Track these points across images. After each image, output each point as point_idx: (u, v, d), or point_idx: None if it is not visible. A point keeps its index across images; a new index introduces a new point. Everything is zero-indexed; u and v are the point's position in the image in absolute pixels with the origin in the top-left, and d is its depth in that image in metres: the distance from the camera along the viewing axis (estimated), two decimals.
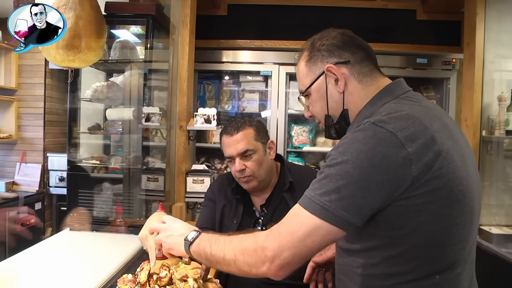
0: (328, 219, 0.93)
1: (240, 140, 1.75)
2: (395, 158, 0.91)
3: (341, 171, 0.93)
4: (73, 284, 1.59)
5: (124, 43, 2.36)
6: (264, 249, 0.97)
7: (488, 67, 2.84)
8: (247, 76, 3.62)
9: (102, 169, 2.90)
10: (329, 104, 1.16)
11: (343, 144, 0.97)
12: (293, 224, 0.97)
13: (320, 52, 1.15)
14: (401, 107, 1.02)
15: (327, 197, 0.93)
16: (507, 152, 2.91)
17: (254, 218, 1.85)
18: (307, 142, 3.56)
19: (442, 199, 0.95)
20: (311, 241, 0.94)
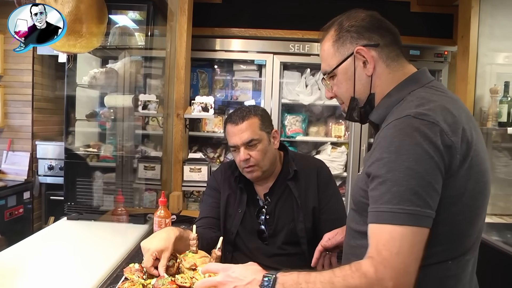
0: (418, 222, 0.92)
1: (245, 130, 1.73)
2: (445, 145, 0.93)
3: (407, 171, 0.92)
4: (78, 274, 1.58)
5: (124, 29, 2.32)
6: (380, 282, 0.92)
7: (481, 60, 2.90)
8: (240, 65, 3.60)
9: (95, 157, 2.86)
10: (356, 86, 1.15)
11: (392, 143, 0.95)
12: (392, 243, 0.92)
13: (349, 33, 1.13)
14: (431, 97, 1.02)
15: (408, 202, 0.91)
16: (495, 143, 2.99)
17: (258, 207, 1.85)
18: (300, 131, 3.57)
19: (470, 191, 0.98)
20: (416, 251, 0.92)
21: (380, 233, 0.95)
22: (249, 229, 1.83)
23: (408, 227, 0.91)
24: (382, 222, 0.94)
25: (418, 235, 0.92)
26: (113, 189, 2.38)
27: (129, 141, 2.59)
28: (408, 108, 0.99)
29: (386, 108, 1.10)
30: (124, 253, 1.83)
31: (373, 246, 0.95)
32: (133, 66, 2.43)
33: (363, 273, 0.93)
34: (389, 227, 0.93)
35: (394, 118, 0.99)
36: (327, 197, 1.81)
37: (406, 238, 0.91)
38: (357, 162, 3.41)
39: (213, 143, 3.77)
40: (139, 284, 1.40)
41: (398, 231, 0.92)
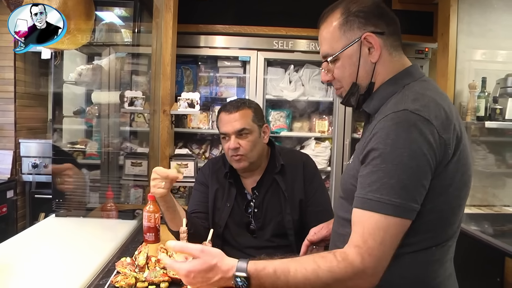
0: (403, 214, 0.96)
1: (238, 119, 1.77)
2: (437, 145, 0.97)
3: (401, 165, 0.96)
4: (70, 269, 1.58)
5: (110, 26, 2.32)
6: (365, 271, 0.96)
7: (460, 57, 2.99)
8: (225, 62, 3.62)
9: (81, 154, 2.86)
10: (359, 72, 1.14)
11: (389, 136, 0.98)
12: (377, 233, 0.97)
13: (357, 18, 1.12)
14: (425, 92, 1.06)
15: (397, 195, 0.95)
16: (473, 137, 3.08)
17: (246, 200, 1.88)
18: (284, 127, 3.62)
19: (457, 182, 1.03)
20: (396, 242, 0.98)
21: (366, 220, 0.99)
22: (238, 223, 1.86)
23: (393, 218, 0.96)
24: (368, 209, 0.98)
25: (400, 226, 0.97)
26: (101, 186, 2.38)
27: (115, 138, 2.59)
28: (405, 102, 1.02)
29: (381, 100, 1.12)
30: (115, 248, 1.84)
31: (359, 234, 0.99)
32: (119, 62, 2.43)
33: (349, 262, 0.97)
34: (375, 215, 0.97)
35: (391, 110, 1.02)
36: (313, 189, 1.86)
37: (390, 229, 0.96)
38: (340, 157, 3.47)
39: (198, 139, 3.78)
40: (131, 277, 1.43)
41: (383, 221, 0.96)
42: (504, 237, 2.50)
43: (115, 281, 1.42)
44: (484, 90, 2.90)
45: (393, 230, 0.97)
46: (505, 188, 3.12)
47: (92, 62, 2.56)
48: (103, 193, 2.29)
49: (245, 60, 3.50)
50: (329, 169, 3.55)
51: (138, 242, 1.93)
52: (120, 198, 2.49)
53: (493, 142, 3.11)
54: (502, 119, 2.84)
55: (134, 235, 2.07)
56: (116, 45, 2.42)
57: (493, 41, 3.04)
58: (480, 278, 2.36)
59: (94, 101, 2.48)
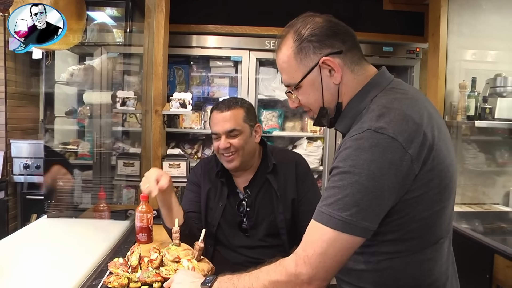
0: (352, 232, 0.96)
1: (229, 119, 1.78)
2: (401, 163, 0.96)
3: (356, 184, 0.95)
4: (63, 270, 1.58)
5: (102, 26, 2.31)
6: (297, 276, 0.99)
7: (451, 57, 3.02)
8: (217, 62, 3.63)
9: (73, 155, 2.85)
10: (324, 96, 1.13)
11: (350, 156, 0.98)
12: (319, 244, 0.98)
13: (311, 43, 1.09)
14: (392, 104, 1.03)
15: (347, 212, 0.95)
16: (464, 136, 3.12)
17: (238, 199, 1.89)
18: (276, 126, 3.63)
19: (435, 188, 1.02)
20: (340, 255, 0.98)
21: (313, 231, 1.01)
22: (230, 222, 1.87)
23: (340, 233, 0.96)
24: (319, 222, 0.99)
25: (347, 242, 0.97)
26: (93, 186, 2.38)
27: (107, 138, 2.59)
28: (370, 120, 1.00)
29: (352, 118, 1.11)
30: (108, 249, 1.84)
31: (303, 243, 1.02)
32: (111, 62, 2.43)
33: (284, 266, 1.01)
34: (324, 228, 0.98)
35: (356, 131, 1.01)
36: (305, 188, 1.87)
37: (334, 243, 0.97)
38: (332, 156, 3.47)
39: (190, 139, 3.78)
40: (124, 277, 1.43)
41: (329, 234, 0.97)
42: (493, 234, 2.54)
43: (107, 282, 1.42)
44: (474, 90, 2.94)
45: (338, 245, 0.97)
46: (495, 186, 3.16)
47: (83, 62, 2.55)
48: (96, 193, 2.29)
49: (237, 60, 3.51)
50: (321, 168, 3.57)
51: (130, 243, 1.93)
52: (112, 199, 2.49)
53: (483, 141, 3.14)
54: (492, 118, 2.87)
55: (126, 236, 2.07)
56: (107, 45, 2.42)
57: (483, 42, 3.08)
58: (469, 275, 2.38)
59: (86, 102, 2.47)
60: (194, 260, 1.52)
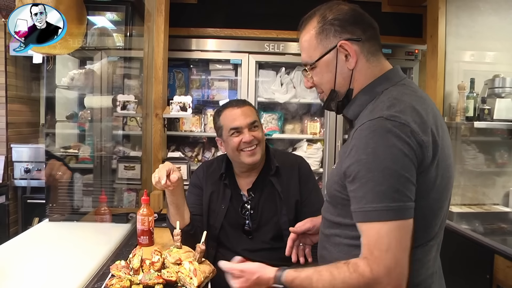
0: (403, 215, 0.98)
1: (248, 112, 1.81)
2: (417, 144, 0.99)
3: (386, 170, 0.97)
4: (64, 273, 1.58)
5: (102, 30, 2.33)
6: (376, 280, 0.98)
7: (449, 58, 3.04)
8: (216, 65, 3.64)
9: (73, 158, 2.86)
10: (337, 79, 1.17)
11: (368, 144, 1.00)
12: (381, 242, 0.98)
13: (333, 26, 1.14)
14: (402, 97, 1.08)
15: (391, 199, 0.97)
16: (463, 137, 3.13)
17: (241, 202, 1.90)
18: (276, 129, 3.64)
19: (437, 186, 1.05)
20: (404, 242, 0.99)
21: (369, 232, 1.01)
22: (233, 224, 1.87)
23: (394, 222, 0.97)
24: (369, 221, 1.00)
25: (403, 227, 0.98)
26: (94, 190, 2.38)
27: (108, 142, 2.60)
28: (381, 109, 1.04)
29: (361, 105, 1.14)
30: (109, 252, 1.85)
31: (365, 246, 1.01)
32: (111, 66, 2.44)
33: (360, 274, 1.00)
34: (376, 225, 0.99)
35: (367, 118, 1.04)
36: (308, 190, 1.88)
37: (393, 233, 0.98)
38: (332, 158, 3.50)
39: (191, 142, 3.79)
40: (126, 280, 1.44)
41: (384, 229, 0.98)
42: (493, 235, 2.54)
43: (110, 284, 1.42)
44: (472, 91, 2.95)
45: (396, 234, 0.98)
46: (494, 187, 3.17)
47: (84, 67, 2.57)
48: (97, 197, 2.30)
49: (236, 63, 3.52)
50: (321, 170, 3.58)
51: (132, 246, 1.94)
52: (113, 202, 2.50)
53: (482, 142, 3.16)
54: (491, 119, 2.89)
55: (128, 239, 2.08)
56: (108, 49, 2.43)
57: (481, 43, 3.10)
58: (470, 275, 2.40)
59: (87, 106, 2.48)
60: (196, 262, 1.53)
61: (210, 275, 1.54)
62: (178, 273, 1.49)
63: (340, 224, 1.16)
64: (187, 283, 1.46)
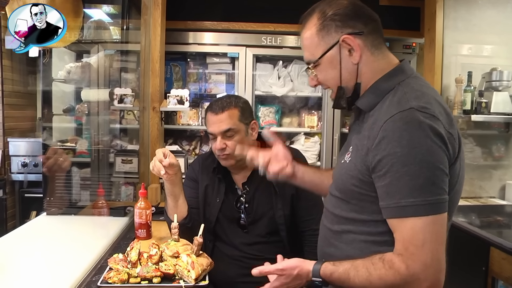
0: (439, 209, 0.97)
1: (224, 120, 1.77)
2: (447, 136, 0.98)
3: (423, 163, 0.96)
4: (62, 267, 1.58)
5: (99, 23, 2.31)
6: (413, 276, 0.98)
7: (447, 52, 3.04)
8: (213, 58, 3.63)
9: (71, 152, 2.85)
10: (342, 75, 1.14)
11: (402, 136, 0.98)
12: (416, 238, 0.97)
13: (334, 21, 1.12)
14: (422, 89, 1.07)
15: (429, 193, 0.96)
16: (461, 130, 3.10)
17: (236, 196, 1.90)
18: (274, 122, 3.64)
19: (460, 177, 1.06)
20: (440, 236, 0.98)
21: (403, 228, 1.00)
22: (229, 218, 1.87)
23: (429, 217, 0.96)
24: (404, 216, 0.98)
25: (438, 221, 0.97)
26: (92, 184, 2.38)
27: (105, 135, 2.59)
28: (408, 100, 1.02)
29: (377, 96, 1.12)
30: (107, 245, 1.85)
31: (400, 242, 1.00)
32: (108, 60, 2.43)
33: (396, 270, 0.99)
34: (410, 220, 0.98)
35: (397, 110, 1.01)
36: None
37: (428, 228, 0.97)
38: (330, 151, 3.50)
39: (188, 135, 3.79)
40: (124, 273, 1.44)
41: (419, 224, 0.97)
42: (490, 227, 2.56)
43: (108, 277, 1.43)
44: (470, 84, 2.95)
45: (431, 229, 0.97)
46: (491, 180, 3.19)
47: (81, 60, 2.55)
48: (94, 191, 2.29)
49: (233, 56, 3.51)
50: (318, 163, 3.58)
51: (130, 239, 1.94)
52: (111, 196, 2.49)
53: (480, 135, 3.17)
54: (488, 112, 2.90)
55: (125, 232, 2.08)
56: (104, 42, 2.42)
57: (478, 36, 3.10)
58: (466, 267, 2.41)
59: (84, 99, 2.47)
60: (193, 255, 1.53)
61: (208, 268, 1.54)
62: (176, 266, 1.50)
63: (354, 220, 1.14)
64: (185, 276, 1.47)
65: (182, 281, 1.47)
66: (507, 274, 2.18)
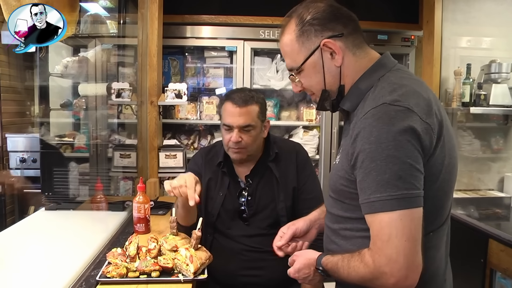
0: (408, 204, 0.95)
1: (245, 114, 1.77)
2: (421, 130, 0.97)
3: (389, 158, 0.95)
4: (61, 261, 1.59)
5: (95, 17, 2.30)
6: (379, 270, 0.98)
7: (445, 44, 3.03)
8: (211, 52, 3.61)
9: (69, 147, 2.85)
10: (326, 78, 1.14)
11: (372, 132, 0.97)
12: (382, 233, 0.97)
13: (312, 26, 1.11)
14: (401, 81, 1.06)
15: (394, 188, 0.95)
16: (460, 123, 3.14)
17: (239, 188, 1.89)
18: (272, 116, 3.62)
19: (446, 166, 1.04)
20: (408, 232, 0.95)
21: (373, 223, 0.99)
22: (230, 211, 1.87)
23: (395, 212, 0.95)
24: (374, 212, 0.98)
25: (406, 216, 0.95)
26: (90, 178, 2.38)
27: (103, 130, 2.59)
28: (383, 96, 1.01)
29: (358, 96, 1.11)
30: (106, 239, 1.85)
31: (371, 237, 1.01)
32: (105, 54, 2.42)
33: (366, 263, 1.01)
34: (378, 216, 0.97)
35: (371, 106, 1.01)
36: (305, 177, 1.88)
37: (394, 223, 0.95)
38: (329, 145, 3.50)
39: (186, 130, 3.78)
40: (123, 267, 1.45)
41: (385, 219, 0.96)
42: (488, 220, 2.57)
43: (106, 272, 1.43)
44: (469, 77, 2.95)
45: (398, 224, 0.95)
46: (490, 172, 3.19)
47: (78, 54, 2.54)
48: (93, 185, 2.29)
49: (231, 50, 3.49)
50: (317, 157, 3.58)
51: (128, 233, 1.94)
52: (109, 190, 2.50)
53: (478, 128, 3.17)
54: (487, 104, 2.89)
55: (124, 226, 2.08)
56: (101, 36, 2.41)
57: (477, 28, 3.09)
58: (464, 259, 2.42)
59: (81, 94, 2.46)
60: (192, 249, 1.53)
61: (207, 262, 1.55)
62: (175, 260, 1.50)
63: (350, 218, 1.14)
64: (184, 270, 1.47)
65: (181, 275, 1.47)
66: (505, 265, 2.20)
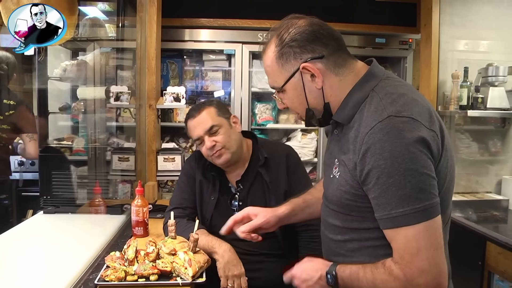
0: (431, 214, 0.96)
1: (203, 119, 1.81)
2: (428, 136, 0.97)
3: (407, 171, 0.95)
4: (60, 265, 1.59)
5: (94, 21, 2.31)
6: (412, 282, 0.98)
7: (443, 47, 3.04)
8: (210, 55, 3.62)
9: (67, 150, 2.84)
10: (308, 99, 1.13)
11: (384, 148, 0.97)
12: (410, 247, 0.97)
13: (291, 48, 1.09)
14: (397, 90, 1.05)
15: (417, 200, 0.95)
16: (457, 126, 3.15)
17: (230, 194, 1.90)
18: (271, 119, 3.63)
19: (448, 169, 1.05)
20: (434, 241, 0.97)
21: (397, 237, 1.00)
22: (223, 215, 1.86)
23: (420, 224, 0.96)
24: (397, 226, 0.98)
25: (431, 227, 0.96)
26: (89, 182, 2.38)
27: (102, 133, 2.59)
28: (385, 107, 1.01)
29: (353, 108, 1.10)
30: (104, 243, 1.85)
31: (396, 252, 1.01)
32: (103, 57, 2.43)
33: (395, 277, 1.00)
34: (402, 230, 0.97)
35: (375, 120, 1.00)
36: (296, 180, 1.89)
37: (421, 236, 0.96)
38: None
39: (185, 133, 3.73)
40: (121, 271, 1.45)
41: (411, 233, 0.96)
42: (486, 222, 2.58)
43: (105, 275, 1.43)
44: (466, 80, 2.96)
45: (424, 236, 0.96)
46: (488, 175, 3.20)
47: (76, 58, 2.54)
48: (91, 189, 2.29)
49: (230, 53, 3.50)
50: (315, 160, 3.58)
51: (127, 237, 1.94)
52: (108, 194, 2.49)
53: (476, 131, 3.18)
54: (484, 107, 2.90)
55: (123, 230, 2.09)
56: (100, 40, 2.41)
57: (475, 32, 3.11)
58: (462, 262, 2.42)
59: (80, 97, 2.46)
60: (190, 252, 1.53)
61: (205, 265, 1.55)
62: (173, 263, 1.50)
63: (357, 229, 1.13)
64: (182, 273, 1.47)
65: (179, 278, 1.48)
66: (502, 268, 2.20)
